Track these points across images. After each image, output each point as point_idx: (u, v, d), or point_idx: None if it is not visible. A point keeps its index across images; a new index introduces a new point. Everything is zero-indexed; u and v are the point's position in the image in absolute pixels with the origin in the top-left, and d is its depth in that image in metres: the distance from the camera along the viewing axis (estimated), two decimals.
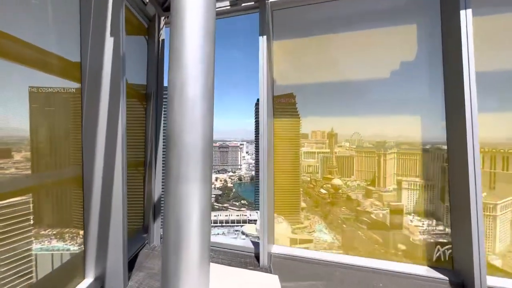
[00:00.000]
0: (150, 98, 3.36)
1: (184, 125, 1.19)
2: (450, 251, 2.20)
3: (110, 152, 2.36)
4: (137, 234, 3.44)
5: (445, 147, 2.25)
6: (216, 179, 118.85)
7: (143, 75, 3.43)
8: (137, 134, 3.42)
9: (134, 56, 3.24)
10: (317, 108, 3.72)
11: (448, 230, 2.95)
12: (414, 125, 2.98)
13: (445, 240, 2.65)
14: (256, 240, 3.44)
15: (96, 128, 2.34)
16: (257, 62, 2.96)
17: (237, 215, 63.82)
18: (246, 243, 3.40)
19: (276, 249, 3.35)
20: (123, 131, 2.35)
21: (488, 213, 1.17)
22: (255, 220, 60.03)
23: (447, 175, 2.76)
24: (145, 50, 3.43)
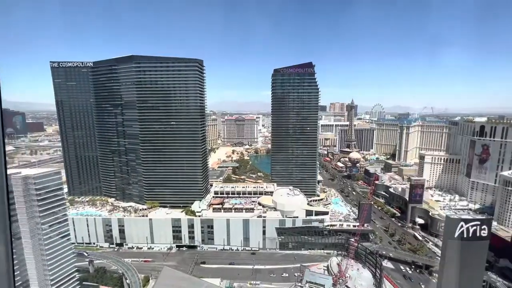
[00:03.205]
0: None
1: None
2: (474, 227, 2.13)
3: None
4: None
5: (477, 119, 2.06)
6: (233, 152, 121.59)
7: None
8: None
9: None
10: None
11: (471, 205, 2.86)
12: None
13: (469, 217, 2.58)
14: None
15: None
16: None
17: (253, 187, 65.76)
18: None
19: None
20: None
21: None
22: (271, 192, 61.69)
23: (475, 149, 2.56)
24: None
